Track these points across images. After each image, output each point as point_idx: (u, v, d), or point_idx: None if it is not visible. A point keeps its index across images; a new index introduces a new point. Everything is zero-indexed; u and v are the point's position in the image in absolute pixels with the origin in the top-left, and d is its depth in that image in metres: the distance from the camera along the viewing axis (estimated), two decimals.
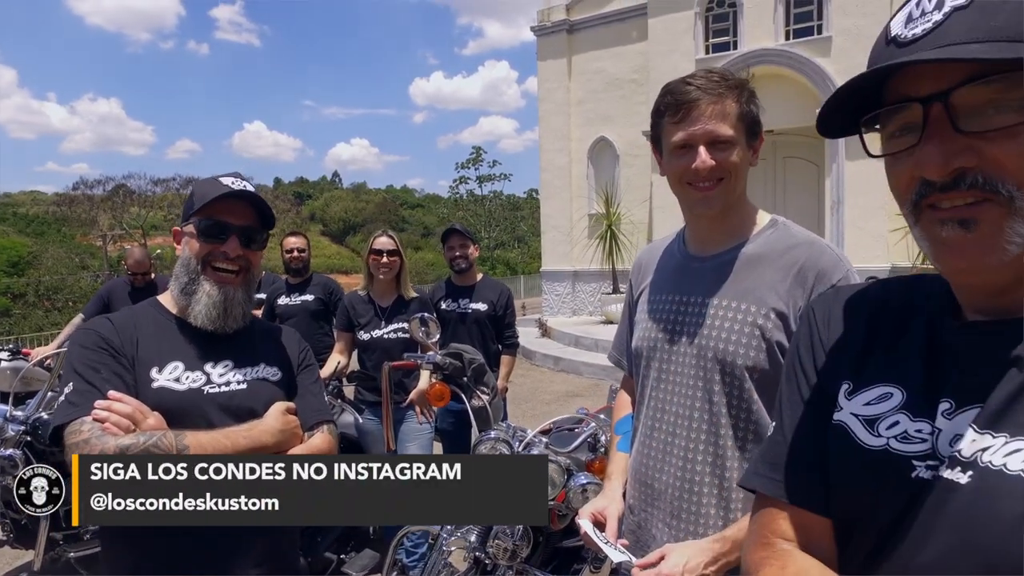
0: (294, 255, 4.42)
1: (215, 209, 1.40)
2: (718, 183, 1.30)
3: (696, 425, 1.34)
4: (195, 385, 1.37)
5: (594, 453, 2.42)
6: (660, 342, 1.41)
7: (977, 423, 0.62)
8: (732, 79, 1.30)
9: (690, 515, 1.34)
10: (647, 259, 1.58)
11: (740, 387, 1.29)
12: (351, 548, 3.42)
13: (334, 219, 61.11)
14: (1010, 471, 0.58)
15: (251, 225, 1.45)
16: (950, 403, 0.65)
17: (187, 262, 1.42)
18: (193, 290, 1.41)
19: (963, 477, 0.61)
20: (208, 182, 1.46)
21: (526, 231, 43.92)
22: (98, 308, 5.06)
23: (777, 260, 1.31)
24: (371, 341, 3.50)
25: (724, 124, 1.27)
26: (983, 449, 0.61)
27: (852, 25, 9.62)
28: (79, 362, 1.32)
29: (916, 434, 0.67)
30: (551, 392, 8.26)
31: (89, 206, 39.12)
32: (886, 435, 0.69)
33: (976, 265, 0.62)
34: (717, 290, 1.34)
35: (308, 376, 1.55)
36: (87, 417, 1.23)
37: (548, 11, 13.24)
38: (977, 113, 0.60)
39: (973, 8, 0.60)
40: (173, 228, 1.50)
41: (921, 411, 0.68)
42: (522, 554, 2.20)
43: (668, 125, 1.31)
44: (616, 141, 12.67)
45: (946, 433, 0.65)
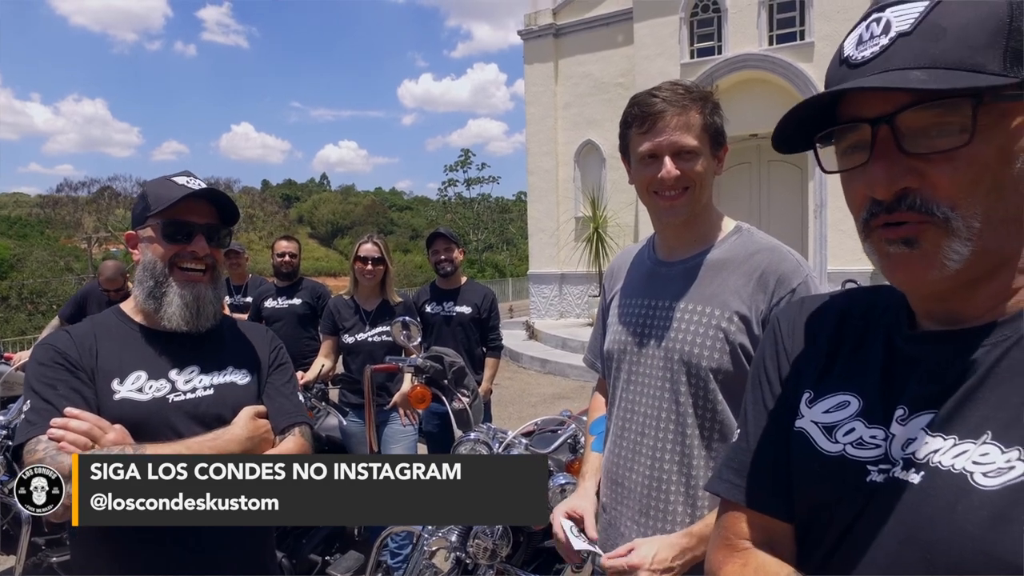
0: (285, 259, 4.43)
1: (177, 210, 1.38)
2: (683, 192, 1.34)
3: (664, 425, 1.38)
4: (159, 394, 1.35)
5: (574, 454, 2.45)
6: (629, 345, 1.45)
7: (930, 427, 0.65)
8: (696, 91, 1.34)
9: (659, 512, 1.38)
10: (619, 264, 1.62)
11: (705, 388, 1.34)
12: (336, 550, 3.43)
13: (322, 221, 60.81)
14: (955, 470, 0.61)
15: (213, 223, 1.44)
16: (904, 409, 0.68)
17: (151, 265, 1.40)
18: (162, 293, 1.39)
19: (915, 477, 0.64)
20: (160, 183, 1.43)
21: (515, 233, 43.89)
22: (73, 311, 5.03)
23: (740, 266, 1.36)
24: (355, 344, 3.52)
25: (688, 135, 1.31)
26: (935, 451, 0.63)
27: (834, 31, 9.74)
28: (36, 379, 1.30)
29: (871, 440, 0.70)
30: (538, 394, 8.29)
31: (73, 208, 38.78)
32: (843, 441, 0.72)
33: (920, 279, 0.66)
34: (683, 294, 1.38)
35: (280, 376, 1.52)
36: (43, 436, 1.21)
37: (535, 15, 13.30)
38: (922, 135, 0.63)
39: (916, 35, 0.63)
40: (126, 233, 1.47)
41: (876, 418, 0.71)
42: (502, 553, 2.23)
43: (635, 136, 1.36)
44: (602, 144, 12.73)
45: (899, 438, 0.68)
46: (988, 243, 0.63)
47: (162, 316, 1.40)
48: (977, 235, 0.63)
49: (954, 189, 0.62)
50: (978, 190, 0.62)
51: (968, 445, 0.61)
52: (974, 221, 0.63)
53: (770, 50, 10.36)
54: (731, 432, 1.33)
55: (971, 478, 0.60)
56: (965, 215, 0.63)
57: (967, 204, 0.62)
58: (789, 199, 10.65)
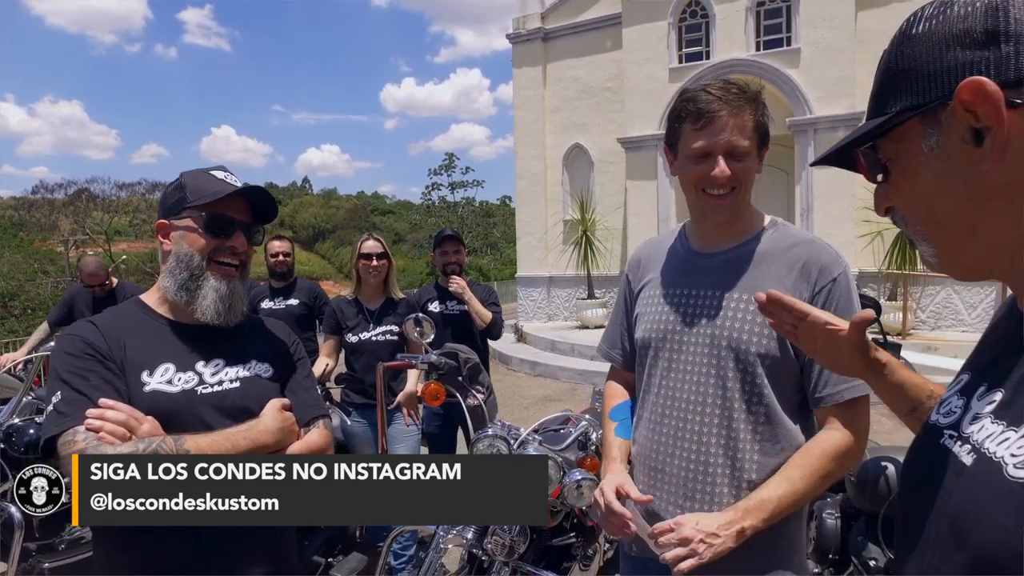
0: (279, 259, 4.38)
1: (219, 204, 1.38)
2: (731, 192, 1.38)
3: (710, 410, 1.40)
4: (188, 386, 1.34)
5: (584, 451, 2.45)
6: (671, 333, 1.46)
7: (993, 408, 0.66)
8: (749, 91, 1.37)
9: (704, 495, 1.40)
10: (646, 256, 1.63)
11: (753, 373, 1.36)
12: (338, 551, 3.39)
13: (304, 225, 60.37)
14: (996, 457, 0.61)
15: (249, 221, 1.45)
16: (986, 385, 0.69)
17: (188, 257, 1.38)
18: (197, 285, 1.38)
19: (968, 458, 0.65)
20: (199, 175, 1.43)
21: (499, 237, 43.89)
22: (62, 314, 4.94)
23: (781, 257, 1.40)
24: (359, 343, 3.49)
25: (742, 136, 1.35)
26: (988, 436, 0.64)
27: (820, 38, 9.90)
28: (65, 369, 1.27)
29: (955, 410, 0.72)
30: (529, 396, 8.28)
31: (49, 210, 37.98)
32: (940, 412, 0.75)
33: (945, 273, 0.72)
34: (728, 283, 1.41)
35: (301, 371, 1.53)
36: (80, 427, 1.18)
37: (524, 19, 13.34)
38: (890, 163, 0.72)
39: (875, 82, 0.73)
40: (158, 222, 1.44)
41: (968, 390, 0.72)
42: (519, 550, 2.22)
43: (689, 131, 1.37)
44: (591, 148, 12.80)
45: (971, 412, 0.69)
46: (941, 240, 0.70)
47: (195, 308, 1.38)
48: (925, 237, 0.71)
49: (906, 208, 0.72)
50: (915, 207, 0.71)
51: (1011, 433, 0.62)
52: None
53: (757, 56, 10.51)
54: (776, 415, 1.37)
55: (1005, 468, 0.59)
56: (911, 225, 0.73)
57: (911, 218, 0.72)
58: (776, 203, 10.78)
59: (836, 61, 9.79)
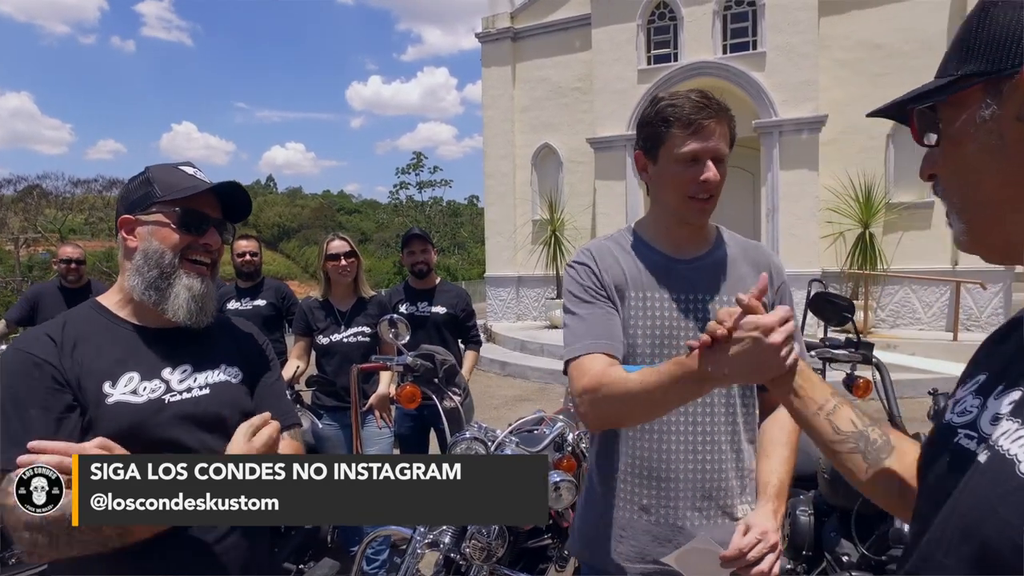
0: (246, 259, 4.28)
1: (193, 200, 1.32)
2: (710, 198, 1.42)
3: (716, 410, 1.46)
4: (155, 395, 1.28)
5: (560, 452, 2.44)
6: (667, 339, 1.46)
7: (1011, 407, 0.66)
8: (723, 102, 1.42)
9: (720, 491, 1.47)
10: (610, 260, 1.52)
11: None
12: (309, 557, 3.32)
13: (268, 224, 59.36)
14: (1009, 455, 0.61)
15: (222, 218, 1.40)
16: (1004, 385, 0.69)
17: (159, 254, 1.31)
18: (168, 284, 1.31)
19: (983, 456, 0.65)
20: (167, 170, 1.36)
21: (466, 237, 43.77)
22: (23, 313, 4.73)
23: (745, 260, 1.51)
24: (331, 345, 3.43)
25: (724, 143, 1.40)
26: (1003, 433, 0.64)
27: (784, 42, 10.10)
28: (6, 394, 1.19)
29: (970, 409, 0.72)
30: (499, 396, 8.26)
31: None
32: (955, 411, 0.75)
33: (973, 252, 0.72)
34: (716, 287, 1.47)
35: (270, 375, 1.48)
36: (12, 474, 1.11)
37: (493, 19, 13.32)
38: (944, 129, 0.71)
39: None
40: (122, 217, 1.35)
41: (984, 390, 0.72)
42: (498, 553, 2.20)
43: (678, 136, 1.37)
44: (560, 148, 12.84)
45: (989, 411, 0.69)
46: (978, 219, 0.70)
47: (165, 308, 1.32)
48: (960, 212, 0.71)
49: (947, 179, 0.72)
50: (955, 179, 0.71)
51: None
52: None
53: (724, 58, 10.67)
54: (756, 400, 1.51)
55: (1018, 466, 0.60)
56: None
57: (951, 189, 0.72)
58: (742, 204, 10.98)
59: (800, 65, 10.00)
